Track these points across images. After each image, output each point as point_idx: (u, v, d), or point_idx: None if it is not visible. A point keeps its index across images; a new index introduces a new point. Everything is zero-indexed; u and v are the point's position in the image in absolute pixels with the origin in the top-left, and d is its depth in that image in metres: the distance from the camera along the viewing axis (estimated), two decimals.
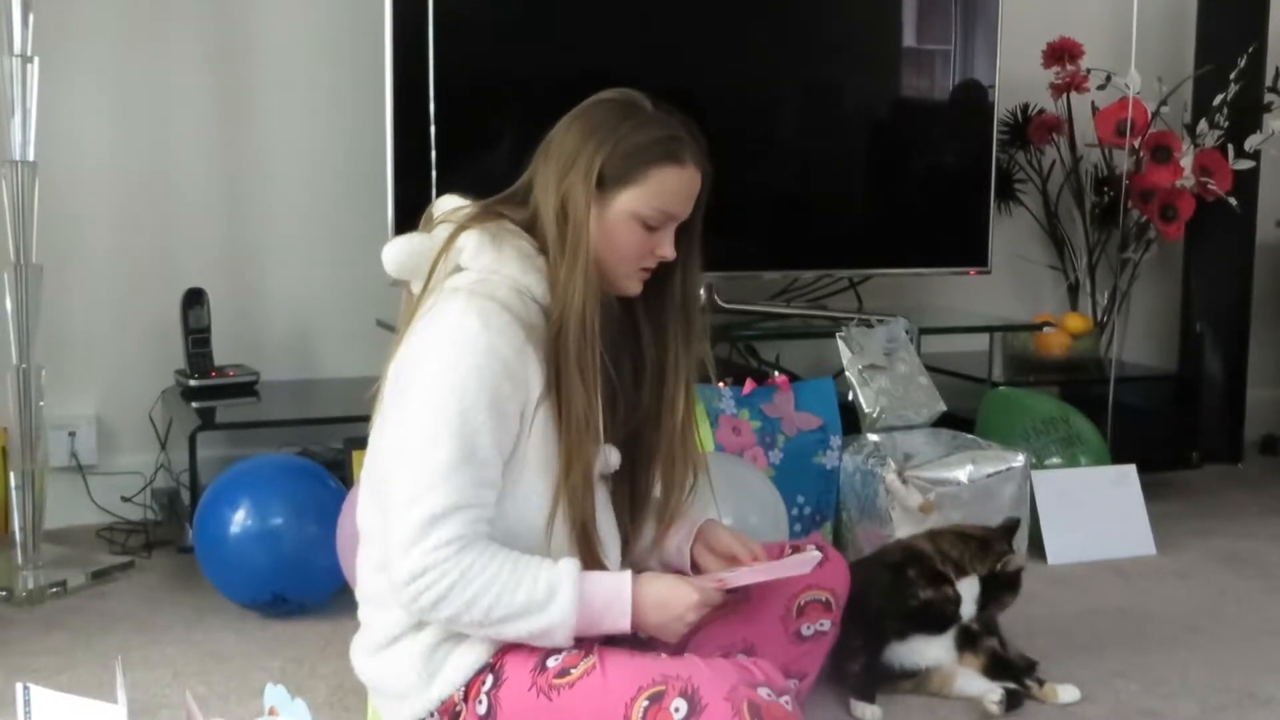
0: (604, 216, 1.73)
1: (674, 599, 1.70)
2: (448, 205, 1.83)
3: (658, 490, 1.89)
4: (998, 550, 2.25)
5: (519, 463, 1.70)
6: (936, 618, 2.21)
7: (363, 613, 1.81)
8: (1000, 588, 2.24)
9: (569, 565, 1.67)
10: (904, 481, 2.76)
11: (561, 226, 1.73)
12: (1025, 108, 3.82)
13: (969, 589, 2.22)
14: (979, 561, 2.23)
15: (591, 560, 1.75)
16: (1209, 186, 3.66)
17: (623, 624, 1.68)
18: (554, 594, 1.64)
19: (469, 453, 1.64)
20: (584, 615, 1.66)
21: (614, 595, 1.68)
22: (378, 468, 1.76)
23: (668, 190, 1.75)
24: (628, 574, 1.71)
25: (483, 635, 1.68)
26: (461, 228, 1.75)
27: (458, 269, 1.76)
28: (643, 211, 1.74)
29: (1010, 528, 2.32)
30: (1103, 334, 3.84)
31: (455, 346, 1.66)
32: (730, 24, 3.27)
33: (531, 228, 1.77)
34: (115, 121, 3.15)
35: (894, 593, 2.20)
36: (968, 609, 2.22)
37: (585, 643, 1.70)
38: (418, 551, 1.62)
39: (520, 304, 1.72)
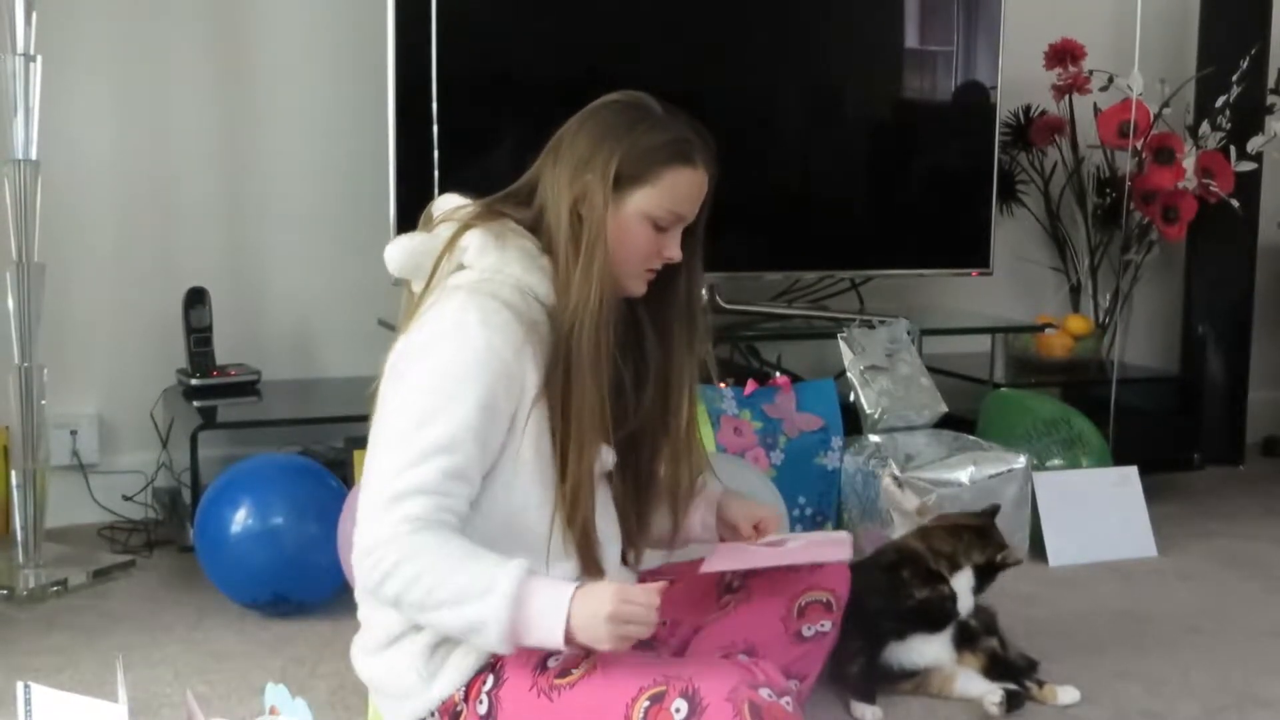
0: (616, 216, 1.74)
1: (594, 595, 1.58)
2: (448, 204, 1.83)
3: (666, 487, 1.90)
4: (997, 541, 2.25)
5: (514, 463, 1.70)
6: (934, 616, 2.21)
7: (363, 612, 1.81)
8: (990, 574, 2.24)
9: (517, 563, 1.60)
10: (900, 486, 2.76)
11: (574, 226, 1.73)
12: (1027, 109, 3.82)
13: (964, 583, 2.22)
14: (976, 551, 2.23)
15: (590, 559, 1.75)
16: (1211, 188, 3.66)
17: (555, 635, 1.58)
18: (493, 586, 1.58)
19: (448, 444, 1.63)
20: (517, 617, 1.57)
21: (551, 603, 1.58)
22: None
23: (679, 191, 1.76)
24: (572, 586, 1.60)
25: (424, 621, 1.66)
26: (465, 227, 1.76)
27: (460, 268, 1.76)
28: (654, 212, 1.75)
29: (991, 513, 2.32)
30: (1104, 335, 3.84)
31: (453, 342, 1.66)
32: (732, 25, 3.28)
33: (535, 227, 1.77)
34: (117, 120, 3.15)
35: (890, 594, 2.20)
36: (965, 603, 2.22)
37: None
38: (376, 525, 1.62)
39: (522, 303, 1.72)
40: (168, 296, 3.09)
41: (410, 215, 1.88)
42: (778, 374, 3.09)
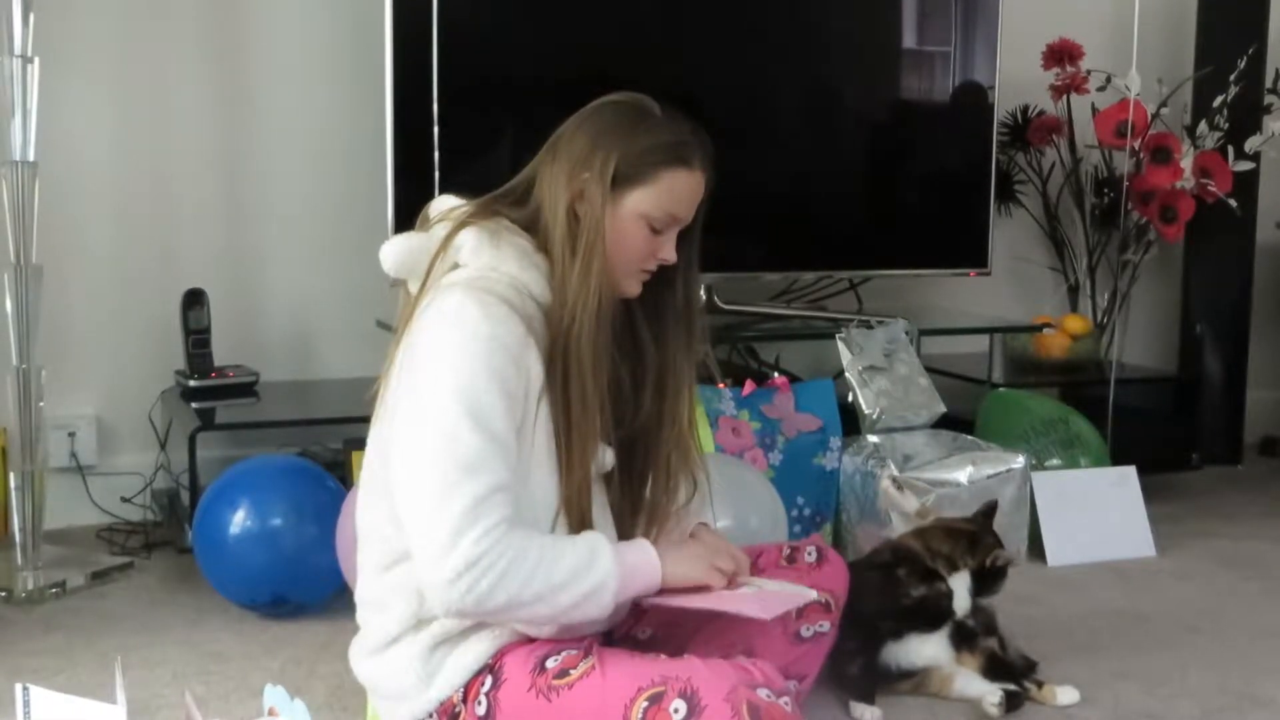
0: (613, 216, 1.74)
1: (684, 559, 1.77)
2: (444, 205, 1.83)
3: (659, 491, 1.89)
4: (986, 544, 2.25)
5: (526, 454, 1.70)
6: (930, 614, 2.21)
7: (361, 615, 1.81)
8: (990, 579, 2.25)
9: (591, 532, 1.72)
10: (899, 488, 2.77)
11: (571, 225, 1.73)
12: (1025, 109, 3.82)
13: (960, 583, 2.22)
14: (969, 555, 2.23)
15: None
16: (1209, 188, 3.66)
17: (654, 580, 1.73)
18: (595, 552, 1.68)
19: (489, 437, 1.63)
20: (624, 572, 1.69)
21: (641, 552, 1.73)
22: (379, 469, 1.75)
23: (676, 192, 1.76)
24: (648, 545, 1.76)
25: (530, 614, 1.66)
26: (460, 225, 1.75)
27: (455, 266, 1.76)
28: (651, 212, 1.75)
29: (989, 511, 2.33)
30: (1103, 335, 3.84)
31: (458, 336, 1.65)
32: (731, 25, 3.28)
33: (531, 226, 1.77)
34: (115, 122, 3.15)
35: (886, 593, 2.20)
36: (961, 603, 2.22)
37: (584, 643, 1.71)
38: (466, 542, 1.60)
39: (518, 300, 1.71)
40: (166, 298, 3.09)
41: (408, 216, 1.88)
42: (776, 374, 3.09)
